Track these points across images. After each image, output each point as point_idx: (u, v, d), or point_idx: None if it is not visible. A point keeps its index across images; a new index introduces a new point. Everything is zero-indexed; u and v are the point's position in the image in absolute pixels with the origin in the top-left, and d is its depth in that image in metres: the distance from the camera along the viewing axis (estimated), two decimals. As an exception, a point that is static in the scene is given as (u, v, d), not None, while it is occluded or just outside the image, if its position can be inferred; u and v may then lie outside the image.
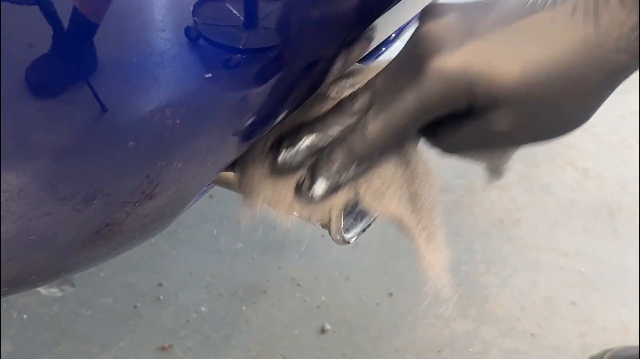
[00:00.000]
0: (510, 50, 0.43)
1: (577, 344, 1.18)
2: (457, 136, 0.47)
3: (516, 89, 0.43)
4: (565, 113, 0.44)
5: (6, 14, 0.34)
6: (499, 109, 0.44)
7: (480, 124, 0.45)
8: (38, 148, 0.38)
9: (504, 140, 0.46)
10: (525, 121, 0.44)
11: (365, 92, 0.49)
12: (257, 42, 0.45)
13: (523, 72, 0.42)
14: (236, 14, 0.43)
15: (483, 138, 0.46)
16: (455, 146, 0.49)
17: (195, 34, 0.41)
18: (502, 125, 0.44)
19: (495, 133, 0.45)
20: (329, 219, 0.53)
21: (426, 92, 0.44)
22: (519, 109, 0.43)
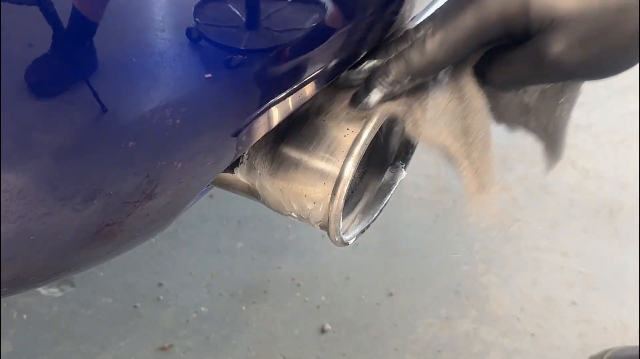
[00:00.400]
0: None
1: (577, 344, 1.18)
2: (511, 65, 0.48)
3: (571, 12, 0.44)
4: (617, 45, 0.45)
5: (6, 14, 0.34)
6: (554, 31, 0.45)
7: (534, 48, 0.46)
8: (38, 148, 0.38)
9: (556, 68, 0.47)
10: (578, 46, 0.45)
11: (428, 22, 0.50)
12: (260, 42, 0.45)
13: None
14: (238, 14, 0.43)
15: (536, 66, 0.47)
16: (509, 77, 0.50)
17: (196, 34, 0.41)
18: (556, 49, 0.45)
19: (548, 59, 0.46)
20: (328, 219, 0.53)
21: (485, 10, 0.46)
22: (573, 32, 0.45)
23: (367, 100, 0.51)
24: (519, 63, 0.48)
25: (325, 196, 0.53)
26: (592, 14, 0.44)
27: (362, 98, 0.51)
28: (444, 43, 0.48)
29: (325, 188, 0.53)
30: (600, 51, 0.46)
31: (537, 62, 0.47)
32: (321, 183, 0.53)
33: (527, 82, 0.51)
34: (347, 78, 0.53)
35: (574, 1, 0.44)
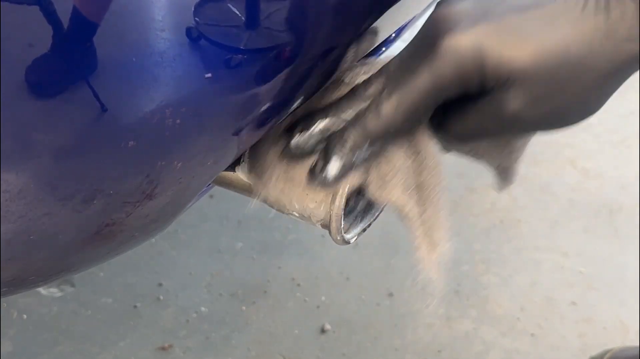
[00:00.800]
0: (523, 33, 0.44)
1: (577, 344, 1.18)
2: (467, 121, 0.48)
3: (527, 69, 0.43)
4: (575, 99, 0.45)
5: (6, 14, 0.34)
6: (510, 89, 0.44)
7: (491, 105, 0.46)
8: (38, 148, 0.38)
9: (514, 124, 0.46)
10: (535, 103, 0.45)
11: (379, 77, 0.50)
12: (260, 42, 0.45)
13: (535, 53, 0.43)
14: (238, 13, 0.43)
15: (493, 122, 0.47)
16: (466, 133, 0.49)
17: (196, 34, 0.41)
18: (513, 106, 0.45)
19: (505, 115, 0.45)
20: (330, 218, 0.53)
21: (439, 70, 0.45)
22: (530, 89, 0.44)
23: (325, 174, 0.50)
24: (475, 119, 0.47)
25: (327, 196, 0.53)
26: (548, 69, 0.43)
27: (321, 169, 0.50)
28: (400, 106, 0.47)
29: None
30: (559, 105, 0.45)
31: (495, 118, 0.46)
32: (321, 190, 0.53)
33: (483, 137, 0.50)
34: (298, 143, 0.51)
35: (530, 57, 0.43)
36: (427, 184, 0.52)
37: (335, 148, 0.49)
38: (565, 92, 0.44)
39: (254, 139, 0.50)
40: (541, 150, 1.53)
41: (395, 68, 0.48)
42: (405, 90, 0.46)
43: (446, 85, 0.45)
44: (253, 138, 0.50)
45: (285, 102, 0.50)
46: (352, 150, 0.49)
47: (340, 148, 0.49)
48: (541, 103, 0.45)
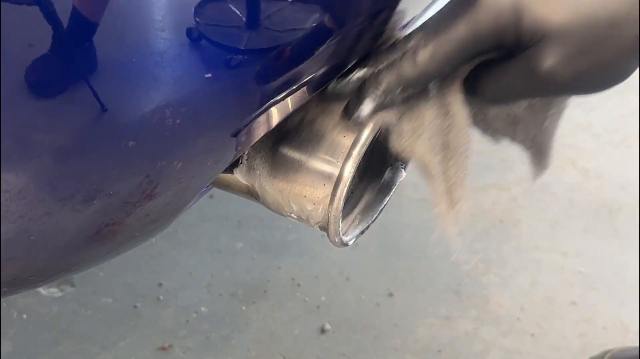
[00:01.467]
0: None
1: (577, 344, 1.18)
2: (502, 79, 0.48)
3: (564, 25, 0.44)
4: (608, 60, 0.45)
5: (6, 14, 0.34)
6: (545, 44, 0.45)
7: (525, 62, 0.46)
8: (38, 148, 0.38)
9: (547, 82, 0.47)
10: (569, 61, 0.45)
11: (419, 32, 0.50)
12: (261, 42, 0.45)
13: (572, 10, 0.44)
14: (239, 13, 0.43)
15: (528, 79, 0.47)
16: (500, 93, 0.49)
17: (196, 34, 0.41)
18: (547, 62, 0.45)
19: (539, 72, 0.46)
20: (328, 220, 0.53)
21: (477, 21, 0.46)
22: (565, 46, 0.45)
23: (359, 113, 0.51)
24: (510, 76, 0.48)
25: (325, 197, 0.53)
26: (583, 28, 0.44)
27: (354, 109, 0.51)
28: (436, 53, 0.48)
29: (325, 189, 0.53)
30: (592, 65, 0.46)
31: (529, 76, 0.47)
32: (321, 184, 0.53)
33: (518, 96, 0.51)
34: (335, 88, 0.53)
35: (565, 15, 0.44)
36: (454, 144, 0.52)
37: (370, 89, 0.50)
38: (598, 52, 0.45)
39: (253, 140, 0.50)
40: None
41: (434, 21, 0.49)
42: (442, 38, 0.47)
43: (483, 37, 0.46)
44: (252, 138, 0.50)
45: (285, 101, 0.50)
46: (385, 93, 0.49)
47: (374, 90, 0.50)
48: (575, 62, 0.45)
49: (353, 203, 0.61)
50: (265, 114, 0.48)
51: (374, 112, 0.51)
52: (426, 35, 0.48)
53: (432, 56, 0.48)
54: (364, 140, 0.51)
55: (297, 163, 0.54)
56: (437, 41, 0.47)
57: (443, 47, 0.47)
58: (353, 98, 0.52)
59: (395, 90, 0.49)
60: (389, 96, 0.50)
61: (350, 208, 0.61)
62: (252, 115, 0.47)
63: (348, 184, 0.52)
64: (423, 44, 0.48)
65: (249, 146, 0.51)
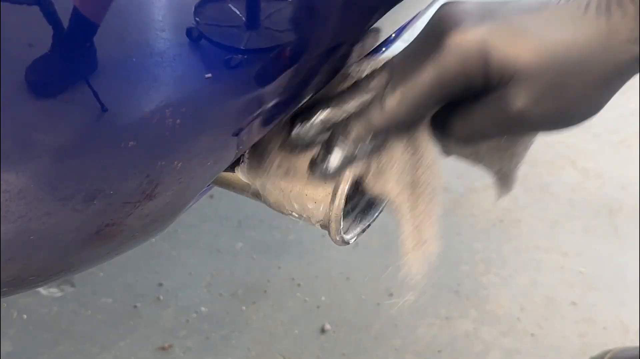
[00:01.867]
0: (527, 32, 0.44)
1: (577, 344, 1.18)
2: (471, 120, 0.48)
3: (531, 66, 0.44)
4: (577, 98, 0.45)
5: (6, 14, 0.34)
6: (514, 85, 0.45)
7: (494, 102, 0.46)
8: (38, 148, 0.38)
9: (517, 122, 0.46)
10: (538, 101, 0.45)
11: (383, 70, 0.50)
12: (261, 42, 0.45)
13: (538, 51, 0.44)
14: (239, 14, 0.43)
15: (497, 120, 0.47)
16: (469, 133, 0.49)
17: (196, 34, 0.41)
18: (516, 103, 0.45)
19: (509, 113, 0.46)
20: (329, 218, 0.53)
21: (444, 64, 0.45)
22: (533, 87, 0.44)
23: (327, 165, 0.50)
24: (479, 118, 0.47)
25: (326, 196, 0.53)
26: (551, 66, 0.44)
27: (323, 159, 0.50)
28: (404, 100, 0.47)
29: (326, 187, 0.53)
30: (562, 104, 0.45)
31: (498, 117, 0.46)
32: (322, 182, 0.53)
33: (487, 136, 0.50)
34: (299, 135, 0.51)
35: (533, 54, 0.44)
36: (422, 181, 0.52)
37: (339, 140, 0.49)
38: (567, 91, 0.44)
39: (254, 139, 0.50)
40: (541, 150, 1.53)
41: (399, 62, 0.48)
42: (409, 84, 0.46)
43: (450, 80, 0.46)
44: (253, 138, 0.50)
45: (286, 102, 0.50)
46: (355, 143, 0.49)
47: (343, 140, 0.49)
48: (544, 101, 0.45)
49: (354, 202, 0.61)
50: (266, 113, 0.48)
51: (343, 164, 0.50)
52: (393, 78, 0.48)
53: (401, 103, 0.47)
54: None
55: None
56: (404, 87, 0.47)
57: (411, 93, 0.46)
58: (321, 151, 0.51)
59: (365, 139, 0.49)
60: (359, 144, 0.49)
61: (352, 206, 0.61)
62: (253, 114, 0.47)
63: (349, 182, 0.52)
64: (390, 90, 0.47)
65: (250, 145, 0.51)
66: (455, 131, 0.50)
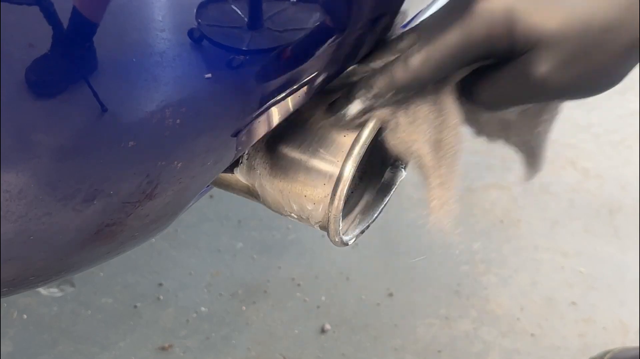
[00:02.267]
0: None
1: (577, 344, 1.18)
2: (497, 85, 0.49)
3: (557, 32, 0.44)
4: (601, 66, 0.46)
5: (6, 14, 0.34)
6: (539, 52, 0.45)
7: (519, 68, 0.47)
8: (38, 148, 0.38)
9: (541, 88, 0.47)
10: (562, 67, 0.45)
11: (411, 32, 0.51)
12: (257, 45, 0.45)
13: (565, 16, 0.44)
14: (241, 14, 0.43)
15: (522, 86, 0.47)
16: (495, 98, 0.50)
17: (197, 34, 0.41)
18: (541, 69, 0.46)
19: (533, 79, 0.46)
20: (328, 219, 0.53)
21: (471, 29, 0.46)
22: (558, 53, 0.45)
23: (346, 112, 0.51)
24: (504, 83, 0.48)
25: (325, 197, 0.53)
26: (576, 34, 0.44)
27: (342, 107, 0.51)
28: (429, 60, 0.48)
29: (325, 188, 0.53)
30: (586, 70, 0.46)
31: (523, 83, 0.47)
32: (321, 183, 0.53)
33: (513, 102, 0.50)
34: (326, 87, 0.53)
35: (558, 22, 0.44)
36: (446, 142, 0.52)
37: (360, 92, 0.50)
38: (591, 58, 0.45)
39: (253, 139, 0.50)
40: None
41: (427, 25, 0.49)
42: (435, 44, 0.47)
43: (476, 45, 0.47)
44: (253, 138, 0.50)
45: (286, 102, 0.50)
46: (376, 97, 0.50)
47: (364, 93, 0.50)
48: (568, 68, 0.45)
49: (353, 203, 0.61)
50: (265, 114, 0.48)
51: (362, 113, 0.51)
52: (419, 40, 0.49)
53: (425, 62, 0.48)
54: (364, 139, 0.51)
55: (297, 163, 0.54)
56: (430, 47, 0.47)
57: (436, 54, 0.47)
58: (343, 96, 0.52)
59: (386, 94, 0.50)
60: (379, 100, 0.50)
61: (351, 207, 0.61)
62: (252, 115, 0.47)
63: (348, 183, 0.52)
64: (416, 49, 0.48)
65: (249, 146, 0.51)
66: (481, 96, 0.50)
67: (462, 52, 0.47)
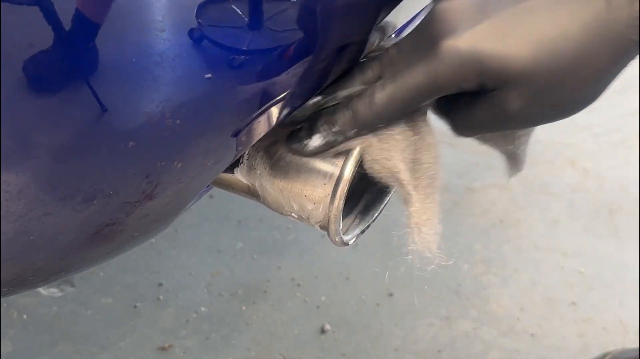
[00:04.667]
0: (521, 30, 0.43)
1: (577, 344, 1.18)
2: (470, 115, 0.48)
3: (527, 69, 0.43)
4: (576, 91, 0.45)
5: (6, 14, 0.34)
6: (510, 89, 0.44)
7: (491, 104, 0.46)
8: (38, 148, 0.38)
9: (515, 120, 0.47)
10: (536, 100, 0.45)
11: (376, 63, 0.49)
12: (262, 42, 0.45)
13: (533, 51, 0.43)
14: (242, 14, 0.43)
15: (495, 118, 0.47)
16: (469, 126, 0.49)
17: (197, 34, 0.41)
18: (513, 105, 0.45)
19: (506, 113, 0.46)
20: (328, 219, 0.53)
21: (437, 71, 0.45)
22: (530, 89, 0.44)
23: (305, 146, 0.51)
24: (478, 115, 0.47)
25: (325, 197, 0.53)
26: (545, 68, 0.43)
27: (302, 140, 0.51)
28: (394, 99, 0.47)
29: (326, 188, 0.53)
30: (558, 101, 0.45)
31: (497, 116, 0.46)
32: (321, 183, 0.53)
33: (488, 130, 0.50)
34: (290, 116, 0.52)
35: (526, 58, 0.43)
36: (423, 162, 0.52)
37: (323, 127, 0.50)
38: (565, 87, 0.44)
39: (253, 139, 0.50)
40: (541, 150, 1.53)
41: (392, 58, 0.48)
42: (399, 84, 0.46)
43: (442, 86, 0.46)
44: (253, 138, 0.50)
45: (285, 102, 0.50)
46: (337, 134, 0.49)
47: (326, 128, 0.50)
48: (541, 100, 0.45)
49: (353, 203, 0.61)
50: (265, 114, 0.48)
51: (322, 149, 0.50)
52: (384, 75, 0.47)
53: (389, 101, 0.47)
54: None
55: (298, 163, 0.54)
56: (395, 86, 0.46)
57: (400, 93, 0.46)
58: (304, 127, 0.51)
59: (349, 131, 0.49)
60: (341, 136, 0.49)
61: (351, 207, 0.61)
62: (252, 115, 0.47)
63: (348, 183, 0.52)
64: (380, 87, 0.47)
65: (250, 146, 0.51)
66: (456, 124, 0.50)
67: (428, 92, 0.46)
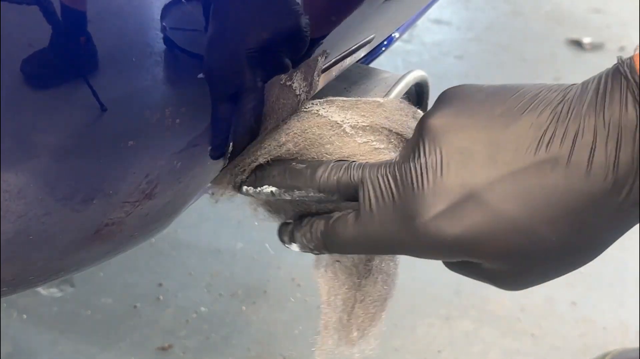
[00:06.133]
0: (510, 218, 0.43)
1: (577, 344, 1.18)
2: (454, 268, 0.50)
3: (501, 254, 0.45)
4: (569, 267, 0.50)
5: (6, 13, 0.34)
6: (495, 265, 0.46)
7: (477, 269, 0.48)
8: (38, 148, 0.38)
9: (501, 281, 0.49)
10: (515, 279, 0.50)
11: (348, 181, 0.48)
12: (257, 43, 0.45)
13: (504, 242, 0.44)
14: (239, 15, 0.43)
15: (480, 276, 0.49)
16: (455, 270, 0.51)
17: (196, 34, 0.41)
18: (500, 277, 0.48)
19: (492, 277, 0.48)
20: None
21: (414, 248, 0.46)
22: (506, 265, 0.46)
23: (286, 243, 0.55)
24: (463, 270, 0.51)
25: None
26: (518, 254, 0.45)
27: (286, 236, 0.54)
28: (366, 245, 0.48)
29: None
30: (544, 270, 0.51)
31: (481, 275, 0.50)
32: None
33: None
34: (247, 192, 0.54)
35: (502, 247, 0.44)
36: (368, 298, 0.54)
37: (302, 240, 0.52)
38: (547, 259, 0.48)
39: (252, 139, 0.50)
40: None
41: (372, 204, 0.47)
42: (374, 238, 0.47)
43: (419, 256, 0.47)
44: (252, 138, 0.50)
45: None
46: (314, 250, 0.52)
47: (302, 239, 0.52)
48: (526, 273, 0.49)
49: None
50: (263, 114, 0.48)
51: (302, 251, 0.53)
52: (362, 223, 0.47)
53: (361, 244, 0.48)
54: None
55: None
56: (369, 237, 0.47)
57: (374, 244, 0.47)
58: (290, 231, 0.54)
59: (321, 249, 0.51)
60: (316, 251, 0.52)
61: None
62: (251, 114, 0.47)
63: None
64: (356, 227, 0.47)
65: (249, 145, 0.51)
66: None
67: (403, 254, 0.48)
